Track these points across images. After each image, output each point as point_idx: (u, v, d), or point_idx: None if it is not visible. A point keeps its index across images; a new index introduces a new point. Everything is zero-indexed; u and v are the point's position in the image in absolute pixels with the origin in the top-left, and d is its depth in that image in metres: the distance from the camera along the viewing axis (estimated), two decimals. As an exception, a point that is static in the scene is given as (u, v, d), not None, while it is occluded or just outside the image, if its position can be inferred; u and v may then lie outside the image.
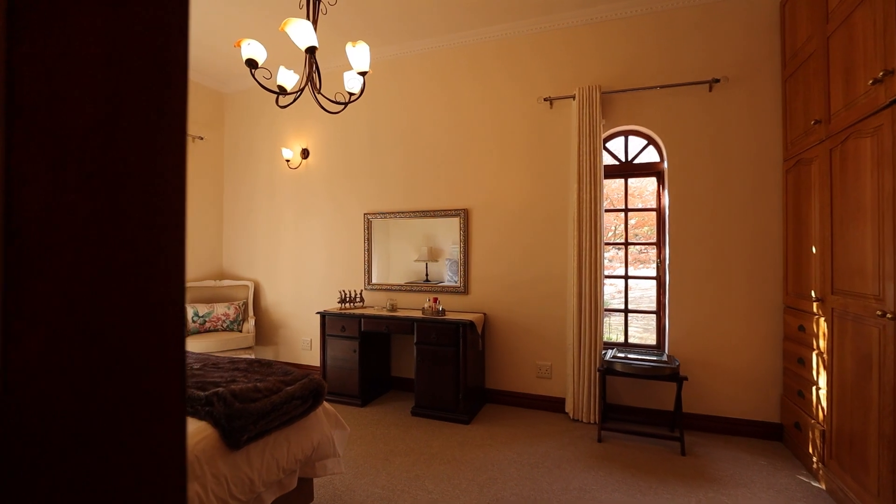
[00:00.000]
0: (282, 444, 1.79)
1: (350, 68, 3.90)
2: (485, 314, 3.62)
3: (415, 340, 3.39)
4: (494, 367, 3.65)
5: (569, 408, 3.26)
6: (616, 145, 3.50)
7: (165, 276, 0.39)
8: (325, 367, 3.75)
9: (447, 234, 3.82)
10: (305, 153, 4.44)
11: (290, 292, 4.57)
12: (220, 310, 4.37)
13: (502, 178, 3.61)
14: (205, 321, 4.31)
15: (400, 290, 4.01)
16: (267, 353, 4.70)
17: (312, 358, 4.40)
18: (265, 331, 4.70)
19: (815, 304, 2.38)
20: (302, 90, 1.92)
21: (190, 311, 4.29)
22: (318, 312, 3.80)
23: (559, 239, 3.41)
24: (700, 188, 3.07)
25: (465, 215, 3.72)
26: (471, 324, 3.27)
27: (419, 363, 3.36)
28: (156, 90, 0.39)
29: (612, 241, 3.86)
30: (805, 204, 2.54)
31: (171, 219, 0.40)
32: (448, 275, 3.85)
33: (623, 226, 3.57)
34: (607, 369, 2.88)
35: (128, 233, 0.37)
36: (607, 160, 3.47)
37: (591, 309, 3.15)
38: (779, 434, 2.87)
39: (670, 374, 2.71)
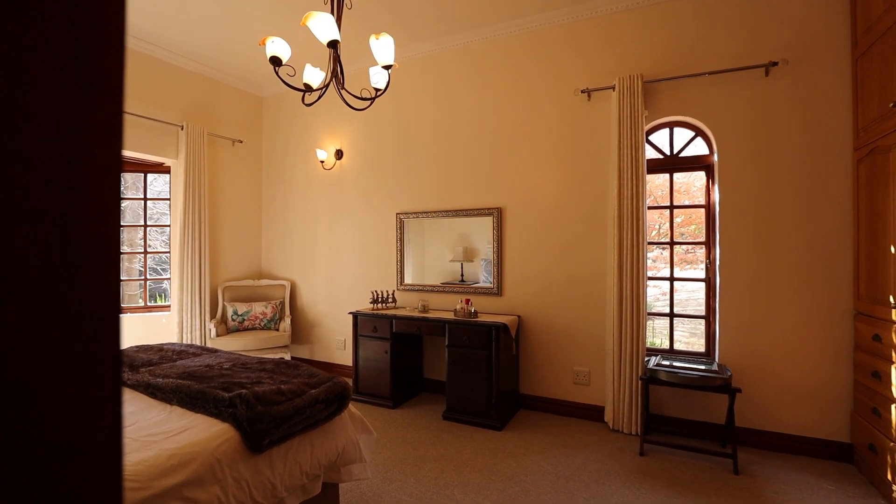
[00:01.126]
0: (305, 448, 1.76)
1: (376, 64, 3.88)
2: (519, 317, 3.49)
3: (446, 343, 3.31)
4: (529, 372, 3.51)
5: (608, 417, 3.08)
6: (660, 138, 3.28)
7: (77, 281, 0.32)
8: (357, 367, 3.74)
9: (482, 233, 3.72)
10: (339, 154, 4.47)
11: (324, 292, 4.61)
12: (257, 308, 4.47)
13: (537, 174, 3.47)
14: (243, 319, 4.42)
15: (432, 291, 3.94)
16: (302, 352, 4.76)
17: (346, 358, 4.41)
18: (301, 330, 4.77)
19: (894, 312, 2.10)
20: (327, 86, 1.89)
21: (230, 310, 4.41)
22: (350, 312, 3.80)
23: (598, 238, 3.24)
24: (754, 181, 2.81)
25: (498, 214, 3.61)
26: (504, 326, 3.15)
27: (450, 366, 3.28)
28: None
29: (655, 241, 3.63)
30: (881, 197, 2.25)
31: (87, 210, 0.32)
32: (483, 275, 3.75)
33: (668, 224, 3.34)
34: (651, 378, 2.69)
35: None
36: (650, 154, 3.25)
37: (633, 312, 2.96)
38: (849, 455, 2.58)
39: (721, 385, 2.49)
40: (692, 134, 3.14)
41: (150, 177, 4.46)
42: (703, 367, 2.67)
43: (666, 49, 3.04)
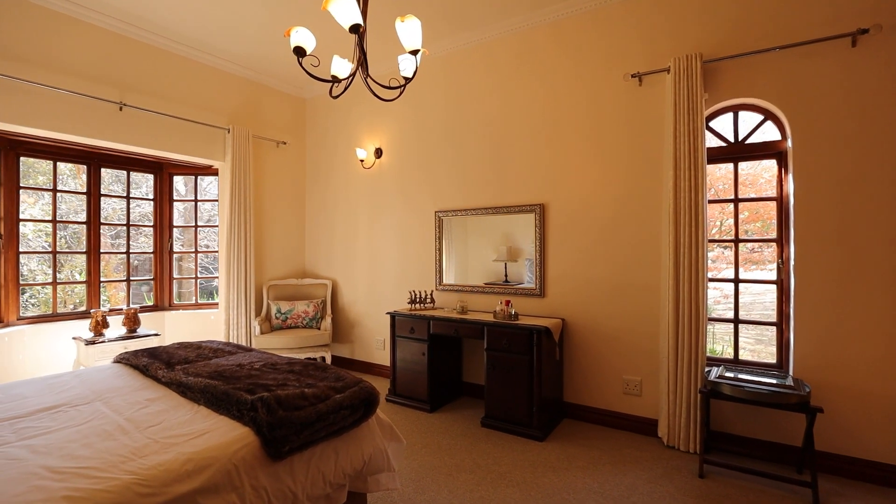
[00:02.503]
0: (329, 456, 1.68)
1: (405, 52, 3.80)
2: (563, 320, 3.27)
3: (485, 346, 3.16)
4: (574, 380, 3.29)
5: (662, 432, 2.80)
6: (722, 124, 2.95)
7: None
8: (394, 368, 3.67)
9: (526, 232, 3.53)
10: (379, 153, 4.43)
11: (364, 291, 4.59)
12: (300, 307, 4.52)
13: (583, 168, 3.24)
14: (286, 318, 4.49)
15: (471, 292, 3.80)
16: (343, 352, 4.78)
17: (385, 358, 4.37)
18: (342, 329, 4.79)
19: None
20: (353, 75, 1.80)
21: (273, 308, 4.50)
22: (387, 313, 3.74)
23: (651, 236, 2.96)
24: (838, 169, 2.45)
25: (540, 210, 3.41)
26: (546, 330, 2.96)
27: (489, 371, 3.13)
28: None
29: (716, 239, 3.28)
30: None
31: None
32: (527, 276, 3.56)
33: (731, 220, 3.00)
34: (712, 391, 2.41)
35: None
36: (711, 142, 2.94)
37: (692, 317, 2.68)
38: (961, 491, 2.18)
39: (798, 404, 2.17)
40: (760, 118, 2.79)
41: (201, 179, 4.63)
42: (774, 381, 2.35)
43: (728, 23, 2.73)
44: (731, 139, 2.90)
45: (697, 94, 2.68)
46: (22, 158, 3.52)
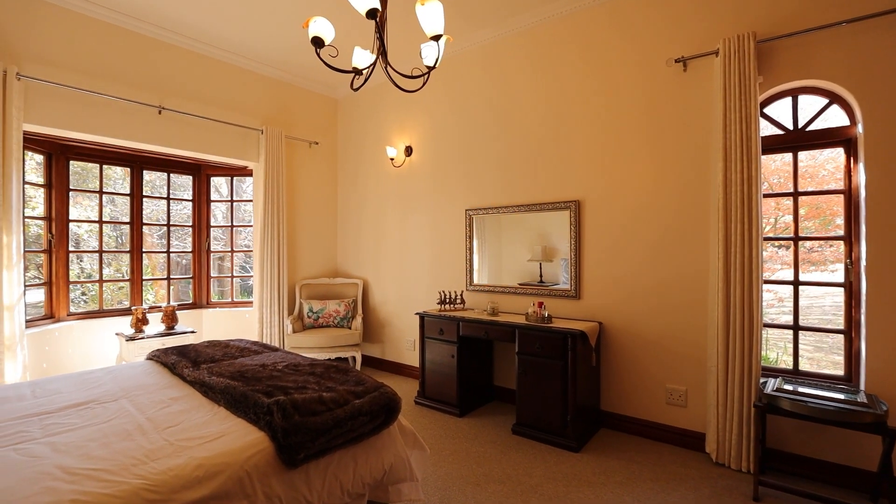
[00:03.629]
0: (347, 463, 1.61)
1: (427, 40, 3.69)
2: (599, 323, 3.09)
3: (516, 350, 3.02)
4: (612, 387, 3.09)
5: (710, 447, 2.57)
6: (779, 109, 2.68)
7: None
8: (423, 370, 3.59)
9: (561, 230, 3.35)
10: (409, 151, 4.37)
11: (394, 291, 4.55)
12: (331, 306, 4.53)
13: (621, 161, 3.04)
14: (318, 317, 4.50)
15: (503, 293, 3.67)
16: (374, 351, 4.75)
17: (416, 358, 4.30)
18: (372, 329, 4.76)
19: None
20: (373, 65, 1.73)
21: (305, 307, 4.53)
22: (416, 313, 3.66)
23: (698, 233, 2.73)
24: (922, 158, 2.15)
25: (575, 208, 3.23)
26: (581, 334, 2.79)
27: (520, 376, 2.99)
28: None
29: (773, 236, 3.00)
30: None
31: None
32: (563, 276, 3.38)
33: (789, 216, 2.72)
34: (769, 406, 2.17)
35: None
36: (766, 130, 2.67)
37: (745, 323, 2.44)
38: None
39: (873, 424, 1.91)
40: (824, 102, 2.51)
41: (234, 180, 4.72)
42: (843, 396, 2.08)
43: (789, -2, 2.46)
44: (790, 126, 2.63)
45: (750, 78, 2.43)
46: (74, 163, 3.69)
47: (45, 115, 3.14)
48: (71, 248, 3.71)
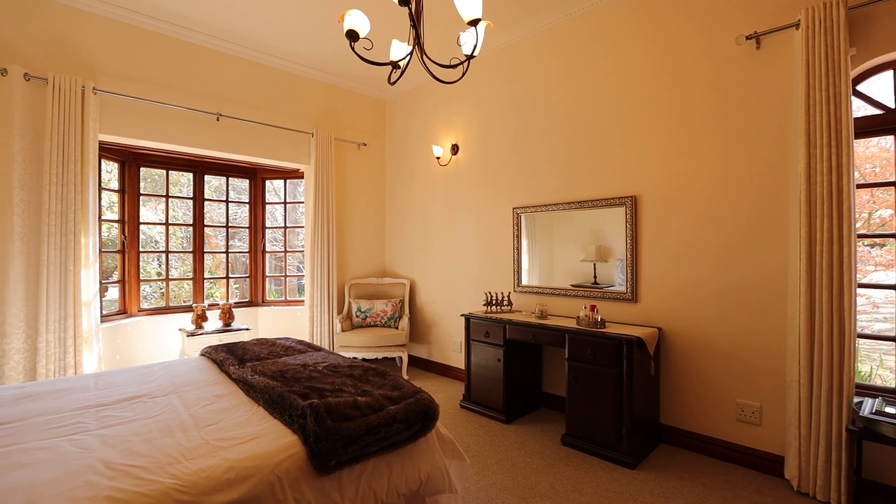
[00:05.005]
0: (382, 472, 1.54)
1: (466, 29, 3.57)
2: (659, 329, 2.84)
3: (566, 356, 2.85)
4: (673, 399, 2.83)
5: (790, 473, 2.27)
6: (875, 86, 2.31)
7: None
8: (469, 374, 3.50)
9: (617, 229, 3.12)
10: (455, 149, 4.29)
11: (441, 291, 4.49)
12: (378, 306, 4.55)
13: (683, 152, 2.78)
14: (366, 316, 4.54)
15: (552, 294, 3.49)
16: (421, 352, 4.72)
17: (462, 361, 4.22)
18: (419, 329, 4.74)
19: None
20: (410, 55, 1.66)
21: (354, 306, 4.58)
22: (462, 315, 3.58)
23: (774, 230, 2.43)
24: None
25: (631, 204, 3.00)
26: (638, 341, 2.57)
27: (570, 384, 2.81)
28: None
29: (866, 233, 2.61)
30: None
31: None
32: (619, 278, 3.15)
33: (890, 210, 2.35)
34: (866, 430, 1.86)
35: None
36: (859, 111, 2.32)
37: (833, 332, 2.12)
38: None
39: None
40: (938, 75, 2.14)
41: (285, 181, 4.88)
42: (964, 423, 1.74)
43: (889, -44, 2.12)
44: (893, 104, 2.26)
45: (840, 52, 2.11)
46: (144, 169, 3.97)
47: (118, 125, 3.38)
48: (141, 249, 3.99)
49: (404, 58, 1.68)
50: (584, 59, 3.28)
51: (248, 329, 3.94)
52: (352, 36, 1.59)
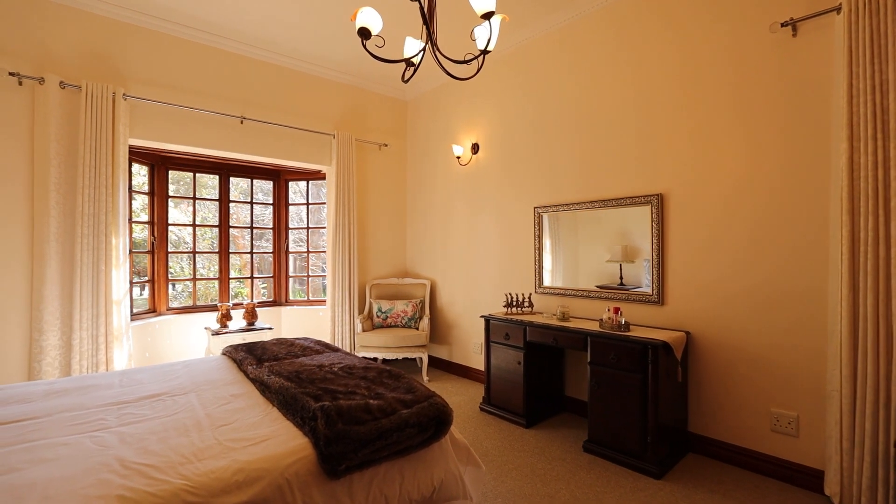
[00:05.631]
0: (393, 477, 1.52)
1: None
2: (687, 333, 2.71)
3: (588, 359, 2.76)
4: (702, 407, 2.71)
5: (831, 489, 2.12)
6: (930, 74, 2.13)
7: None
8: (489, 376, 3.44)
9: (644, 228, 3.01)
10: (476, 148, 4.25)
11: (461, 292, 4.45)
12: (399, 306, 4.55)
13: (713, 147, 2.64)
14: (387, 317, 4.54)
15: (574, 296, 3.39)
16: (441, 353, 4.69)
17: (483, 362, 4.16)
18: (440, 330, 4.71)
19: None
20: (423, 50, 1.63)
21: (375, 307, 4.59)
22: (482, 316, 3.52)
23: (812, 228, 2.28)
24: None
25: (657, 202, 2.88)
26: (664, 345, 2.47)
27: (593, 388, 2.72)
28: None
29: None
30: None
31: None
32: (646, 279, 3.03)
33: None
34: (915, 446, 1.72)
35: None
36: (911, 101, 2.15)
37: (881, 339, 1.97)
38: None
39: None
40: None
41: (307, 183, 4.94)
42: None
43: (943, -68, 1.95)
44: (946, 93, 2.08)
45: (887, 35, 1.96)
46: (172, 172, 4.09)
47: (147, 130, 3.48)
48: (170, 250, 4.10)
49: (417, 54, 1.65)
50: (605, 54, 3.17)
51: (270, 328, 4.00)
52: (364, 34, 1.57)
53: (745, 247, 2.51)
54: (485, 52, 1.61)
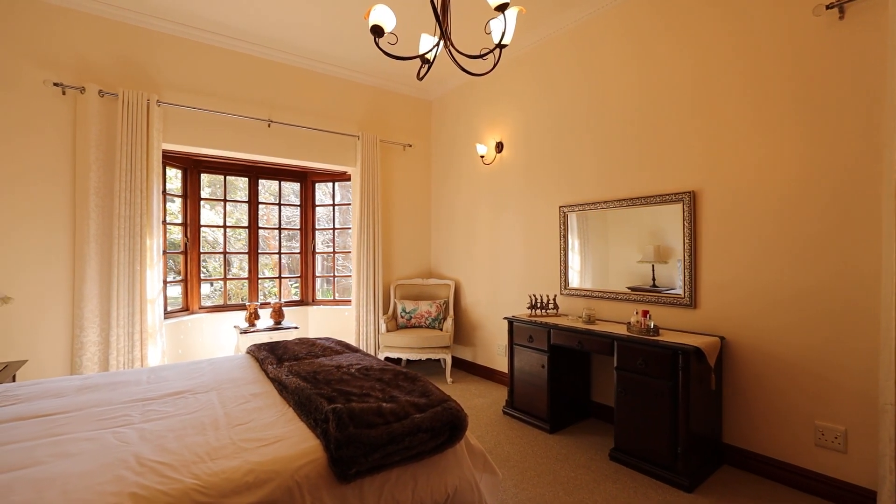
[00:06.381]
0: (406, 483, 1.49)
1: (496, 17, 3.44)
2: (721, 338, 2.56)
3: (615, 364, 2.66)
4: (738, 417, 2.55)
5: (885, 511, 1.95)
6: None
7: None
8: (512, 379, 3.37)
9: (677, 228, 2.87)
10: (500, 147, 4.18)
11: (485, 293, 4.39)
12: (423, 307, 4.54)
13: (752, 142, 2.49)
14: (411, 317, 4.54)
15: (601, 298, 3.28)
16: (465, 354, 4.65)
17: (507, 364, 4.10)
18: (464, 331, 4.67)
19: None
20: (437, 45, 1.59)
21: (399, 307, 4.59)
22: (505, 318, 3.46)
23: (863, 229, 2.10)
24: None
25: (689, 200, 2.74)
26: (695, 350, 2.34)
27: (619, 394, 2.61)
28: None
29: None
30: None
31: None
32: (679, 280, 2.89)
33: None
34: (982, 468, 1.55)
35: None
36: (977, 86, 1.94)
37: (939, 350, 1.79)
38: None
39: None
40: None
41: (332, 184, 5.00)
42: None
43: None
44: None
45: (950, 15, 1.78)
46: (204, 175, 4.22)
47: (178, 134, 3.61)
48: (201, 250, 4.24)
49: (431, 50, 1.62)
50: (638, 46, 3.05)
51: (296, 328, 4.07)
52: (376, 31, 1.55)
53: (790, 246, 2.35)
54: (500, 46, 1.56)
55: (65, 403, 1.80)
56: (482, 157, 4.27)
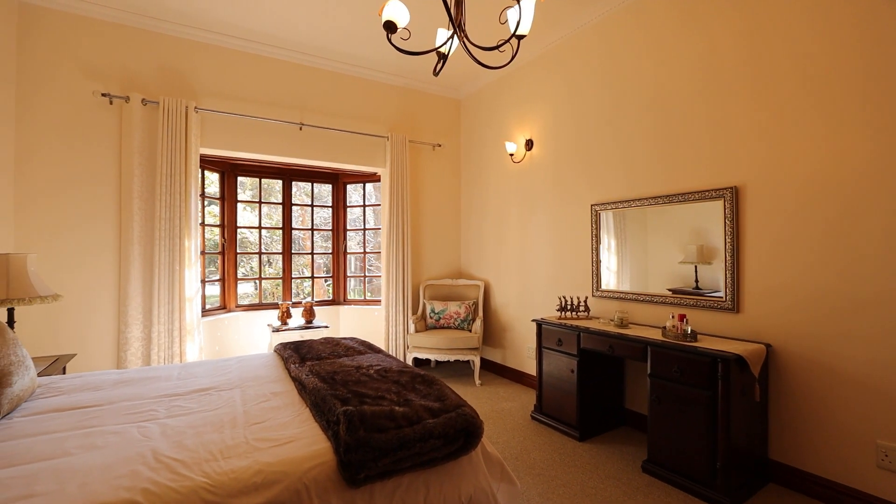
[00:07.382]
0: (418, 490, 1.45)
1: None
2: (767, 346, 2.37)
3: (648, 371, 2.51)
4: (786, 432, 2.35)
5: (960, 545, 1.72)
6: None
7: None
8: (541, 383, 3.27)
9: (719, 226, 2.67)
10: (529, 144, 4.08)
11: (515, 294, 4.30)
12: (452, 308, 4.50)
13: (807, 133, 2.28)
14: (440, 318, 4.51)
15: (636, 300, 3.12)
16: (494, 356, 4.57)
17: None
18: (493, 332, 4.59)
19: None
20: (451, 36, 1.55)
21: (428, 307, 4.58)
22: (533, 320, 3.36)
23: (932, 226, 1.88)
24: None
25: (731, 196, 2.55)
26: (737, 359, 2.17)
27: (653, 403, 2.47)
28: None
29: None
30: None
31: None
32: (723, 282, 2.69)
33: None
34: None
35: None
36: None
37: None
38: None
39: None
40: None
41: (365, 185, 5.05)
42: None
43: None
44: None
45: None
46: (241, 178, 4.37)
47: (215, 139, 3.75)
48: (238, 251, 4.39)
49: (445, 43, 1.57)
50: (672, 31, 2.88)
51: (326, 327, 4.13)
52: (389, 27, 1.52)
53: (845, 248, 2.13)
54: (517, 36, 1.49)
55: (100, 396, 1.89)
56: (511, 155, 4.19)
